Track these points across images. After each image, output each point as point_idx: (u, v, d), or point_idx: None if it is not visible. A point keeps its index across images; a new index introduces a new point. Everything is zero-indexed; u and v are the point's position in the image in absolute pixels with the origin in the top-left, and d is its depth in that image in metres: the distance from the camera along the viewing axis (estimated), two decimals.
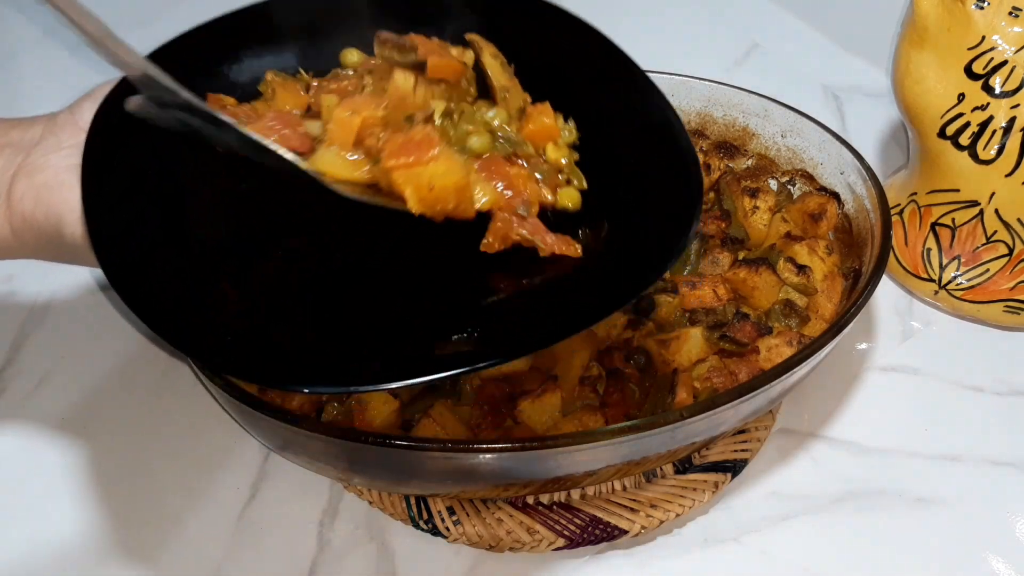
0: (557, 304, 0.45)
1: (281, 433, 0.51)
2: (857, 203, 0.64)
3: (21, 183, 0.45)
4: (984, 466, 0.61)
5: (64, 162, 0.45)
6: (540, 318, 0.44)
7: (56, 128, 0.47)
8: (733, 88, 0.71)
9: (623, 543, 0.57)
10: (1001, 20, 0.62)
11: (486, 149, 0.46)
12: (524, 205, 0.46)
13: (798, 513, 0.59)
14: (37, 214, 0.45)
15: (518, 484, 0.53)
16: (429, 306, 0.46)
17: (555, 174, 0.48)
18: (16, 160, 0.46)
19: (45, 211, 0.45)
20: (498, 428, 0.55)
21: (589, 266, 0.46)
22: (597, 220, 0.47)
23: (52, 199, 0.45)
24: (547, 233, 0.46)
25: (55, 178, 0.45)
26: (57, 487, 0.61)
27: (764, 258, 0.64)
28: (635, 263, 0.45)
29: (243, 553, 0.57)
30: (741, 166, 0.72)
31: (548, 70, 0.50)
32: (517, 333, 0.44)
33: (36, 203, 0.45)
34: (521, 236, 0.45)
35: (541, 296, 0.45)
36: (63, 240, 0.45)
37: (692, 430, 0.51)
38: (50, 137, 0.46)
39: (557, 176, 0.48)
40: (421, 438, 0.52)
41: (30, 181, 0.45)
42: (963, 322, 0.70)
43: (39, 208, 0.45)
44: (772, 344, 0.58)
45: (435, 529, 0.57)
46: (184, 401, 0.65)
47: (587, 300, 0.44)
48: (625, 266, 0.45)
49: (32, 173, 0.45)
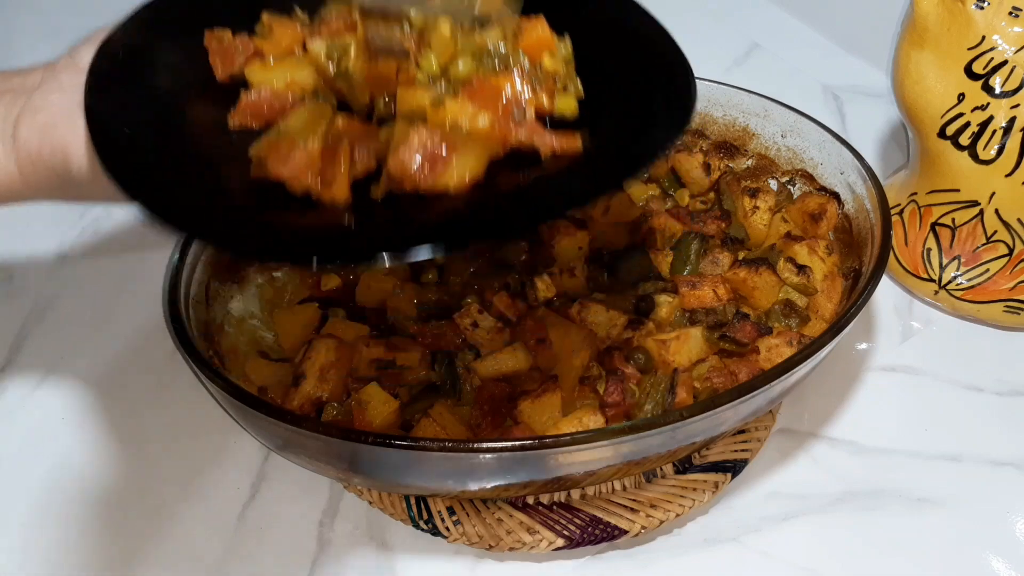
0: (566, 183, 0.46)
1: (281, 433, 0.51)
2: (857, 203, 0.64)
3: (25, 123, 0.46)
4: (984, 466, 0.61)
5: (67, 100, 0.46)
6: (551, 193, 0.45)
7: (56, 72, 0.48)
8: (733, 88, 0.71)
9: (623, 543, 0.57)
10: (1001, 20, 0.62)
11: (470, 72, 0.47)
12: (518, 110, 0.47)
13: (798, 513, 0.59)
14: (43, 152, 0.46)
15: (518, 485, 0.53)
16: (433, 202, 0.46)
17: (551, 82, 0.49)
18: (19, 103, 0.47)
19: (51, 147, 0.46)
20: (498, 428, 0.55)
21: (592, 156, 0.47)
22: (594, 125, 0.48)
23: (57, 135, 0.46)
24: (545, 133, 0.47)
25: (59, 115, 0.46)
26: (57, 487, 0.61)
27: (764, 258, 0.64)
28: (638, 146, 0.46)
29: (243, 553, 0.57)
30: (741, 166, 0.72)
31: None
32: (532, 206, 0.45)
33: (42, 141, 0.46)
34: (519, 139, 0.46)
35: (550, 180, 0.46)
36: (70, 175, 0.46)
37: (692, 430, 0.51)
38: (51, 80, 0.47)
39: (553, 84, 0.49)
40: (420, 438, 0.52)
41: (34, 120, 0.46)
42: (963, 322, 0.70)
43: (45, 145, 0.46)
44: (772, 344, 0.58)
45: (435, 529, 0.57)
46: (184, 401, 0.65)
47: (594, 176, 0.46)
48: (628, 149, 0.47)
49: (36, 112, 0.46)
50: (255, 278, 0.66)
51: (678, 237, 0.66)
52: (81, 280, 0.75)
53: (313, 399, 0.57)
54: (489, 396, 0.56)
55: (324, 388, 0.57)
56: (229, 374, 0.58)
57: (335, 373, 0.58)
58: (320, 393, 0.57)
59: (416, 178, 0.44)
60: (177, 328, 0.55)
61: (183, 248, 0.59)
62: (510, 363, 0.58)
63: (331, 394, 0.57)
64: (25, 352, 0.70)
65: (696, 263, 0.64)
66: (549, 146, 0.47)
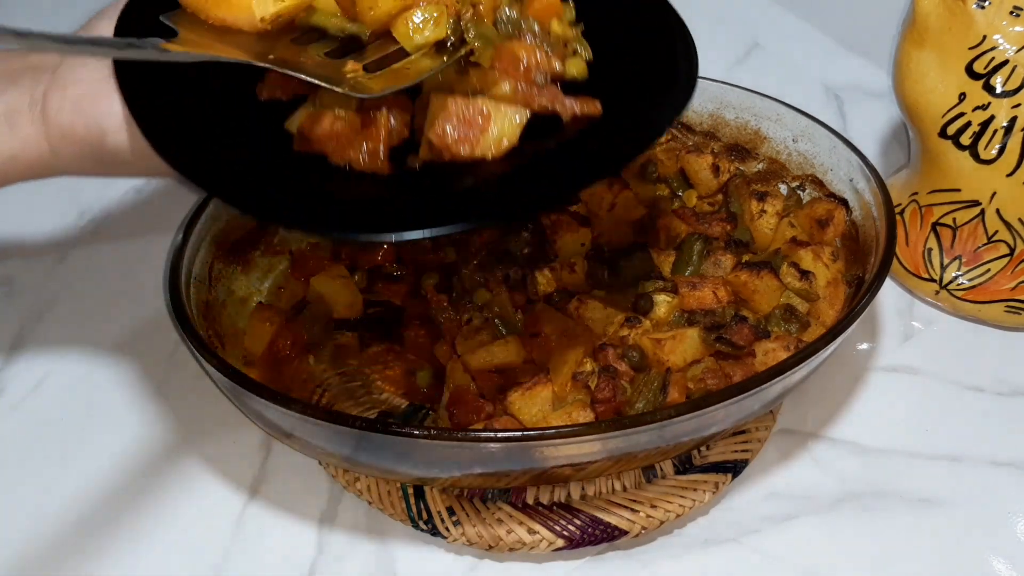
0: (595, 148, 0.47)
1: (283, 419, 0.51)
2: (864, 210, 0.64)
3: (55, 97, 0.45)
4: (984, 466, 0.61)
5: (96, 74, 0.45)
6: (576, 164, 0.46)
7: None
8: (746, 91, 0.71)
9: (623, 543, 0.57)
10: (1002, 19, 0.62)
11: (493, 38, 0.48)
12: (540, 74, 0.47)
13: (799, 513, 0.59)
14: (77, 126, 0.45)
15: (508, 476, 0.54)
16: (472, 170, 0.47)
17: (561, 46, 0.49)
18: (43, 78, 0.46)
19: (86, 122, 0.45)
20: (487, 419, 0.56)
21: (607, 121, 0.48)
22: (602, 88, 0.49)
23: (92, 109, 0.45)
24: (566, 97, 0.47)
25: (91, 88, 0.45)
26: (56, 486, 0.61)
27: (767, 262, 0.63)
28: (651, 110, 0.47)
29: (243, 553, 0.57)
30: (752, 169, 0.72)
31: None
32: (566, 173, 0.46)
33: (75, 116, 0.45)
34: (542, 105, 0.47)
35: (575, 147, 0.47)
36: (105, 149, 0.46)
37: (679, 429, 0.51)
38: (71, 56, 0.47)
39: (563, 48, 0.49)
40: (410, 425, 0.56)
41: (65, 95, 0.45)
42: (964, 322, 0.70)
43: (79, 119, 0.45)
44: (769, 348, 0.58)
45: (435, 529, 0.57)
46: (184, 401, 0.65)
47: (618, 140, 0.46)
48: (643, 114, 0.48)
49: (65, 87, 0.45)
50: (261, 261, 0.67)
51: (682, 238, 0.66)
52: (81, 280, 0.75)
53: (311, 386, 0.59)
54: (481, 387, 0.58)
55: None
56: (228, 355, 0.59)
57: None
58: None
59: (455, 147, 0.45)
60: (177, 308, 0.55)
61: (187, 228, 0.60)
62: (502, 355, 0.59)
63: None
64: (25, 352, 0.70)
65: (698, 264, 0.64)
66: (570, 110, 0.47)
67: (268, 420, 0.53)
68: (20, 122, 0.45)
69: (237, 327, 0.63)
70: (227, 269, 0.64)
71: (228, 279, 0.64)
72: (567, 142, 0.47)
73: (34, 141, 0.46)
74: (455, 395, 0.57)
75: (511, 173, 0.45)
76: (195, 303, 0.59)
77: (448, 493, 0.58)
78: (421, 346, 0.63)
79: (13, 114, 0.45)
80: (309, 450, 0.55)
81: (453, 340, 0.61)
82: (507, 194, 0.45)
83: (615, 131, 0.47)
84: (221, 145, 0.46)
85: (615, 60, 0.51)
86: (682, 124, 0.74)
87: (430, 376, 0.61)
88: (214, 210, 0.62)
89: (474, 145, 0.45)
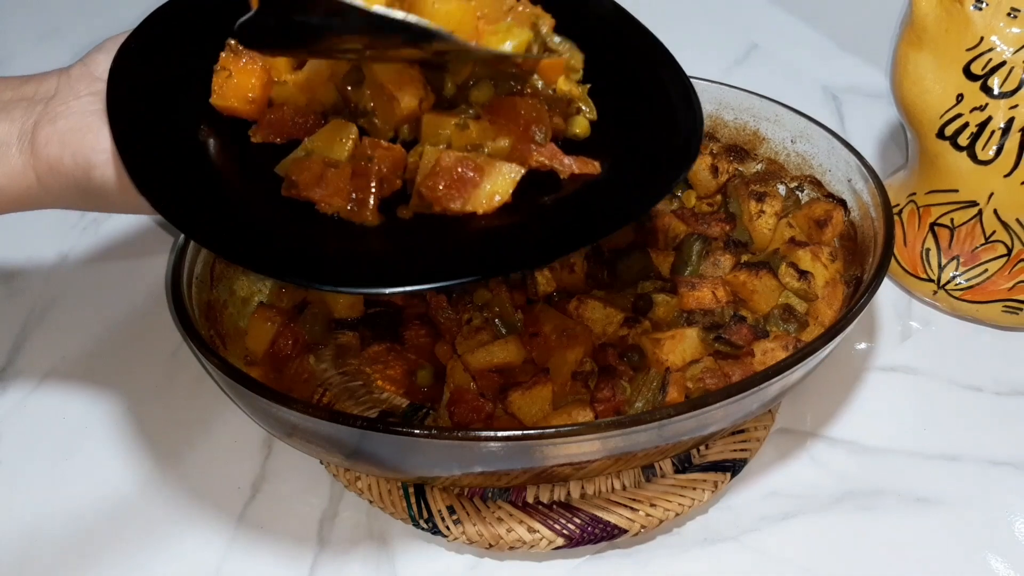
0: (585, 213, 0.46)
1: (285, 418, 0.51)
2: (862, 210, 0.64)
3: (44, 130, 0.46)
4: (984, 466, 0.62)
5: (87, 108, 0.46)
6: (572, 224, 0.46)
7: (71, 80, 0.47)
8: (744, 92, 0.71)
9: (623, 542, 0.57)
10: (1000, 21, 0.63)
11: (488, 96, 0.47)
12: (540, 132, 0.47)
13: (798, 513, 0.59)
14: (65, 159, 0.45)
15: (509, 475, 0.54)
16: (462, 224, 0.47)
17: (565, 104, 0.49)
18: (35, 110, 0.46)
19: (72, 155, 0.45)
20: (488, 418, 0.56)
21: (605, 183, 0.48)
22: (605, 147, 0.49)
23: (79, 143, 0.45)
24: (564, 156, 0.47)
25: (81, 122, 0.45)
26: (57, 486, 0.61)
27: (766, 262, 0.64)
28: (648, 178, 0.47)
29: (243, 553, 0.57)
30: (751, 170, 0.72)
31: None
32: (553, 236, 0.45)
33: (63, 148, 0.45)
34: (540, 162, 0.47)
35: (568, 208, 0.47)
36: (91, 184, 0.46)
37: (678, 429, 0.51)
38: (66, 89, 0.47)
39: (567, 106, 0.49)
40: (411, 424, 0.56)
41: (54, 127, 0.45)
42: (962, 322, 0.70)
43: (66, 153, 0.45)
44: (768, 348, 0.58)
45: (435, 529, 0.57)
46: (184, 401, 0.66)
47: (611, 207, 0.46)
48: (640, 180, 0.47)
49: (55, 120, 0.46)
50: None
51: (681, 238, 0.66)
52: (81, 280, 0.75)
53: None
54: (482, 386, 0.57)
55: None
56: (229, 355, 0.59)
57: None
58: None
59: (446, 201, 0.45)
60: (178, 308, 0.55)
61: None
62: (502, 355, 0.59)
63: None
64: (25, 352, 0.70)
65: (697, 264, 0.65)
66: (568, 169, 0.47)
67: (269, 419, 0.53)
68: (8, 154, 0.46)
69: (239, 327, 0.63)
70: (228, 269, 0.64)
71: (230, 279, 0.64)
72: (562, 200, 0.47)
73: (21, 173, 0.46)
74: (455, 395, 0.57)
75: (501, 229, 0.45)
76: (197, 303, 0.59)
77: (448, 492, 0.58)
78: (421, 346, 0.63)
79: (1, 146, 0.46)
80: (310, 449, 0.55)
81: (453, 340, 0.61)
82: (494, 252, 0.44)
83: (612, 193, 0.47)
84: (207, 188, 0.45)
85: (620, 121, 0.50)
86: None
87: (430, 376, 0.61)
88: None
89: (466, 200, 0.45)
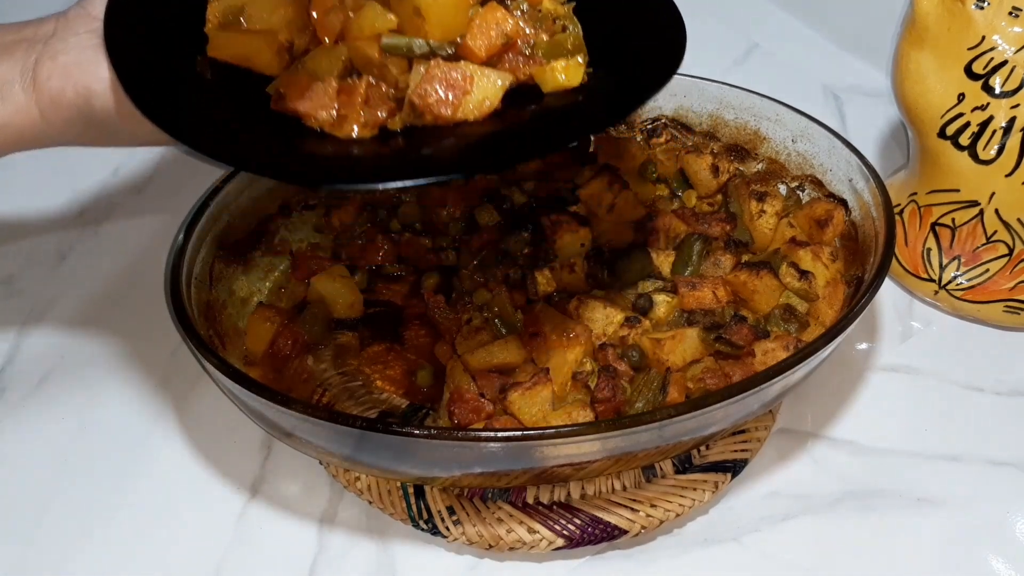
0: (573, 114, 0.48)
1: (284, 418, 0.51)
2: (863, 210, 0.64)
3: (46, 66, 0.47)
4: (984, 466, 0.62)
5: (86, 43, 0.47)
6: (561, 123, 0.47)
7: (69, 21, 0.49)
8: (745, 91, 0.71)
9: (623, 543, 0.57)
10: (1001, 20, 0.62)
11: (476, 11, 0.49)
12: (528, 45, 0.48)
13: (798, 513, 0.59)
14: (66, 91, 0.47)
15: (508, 475, 0.54)
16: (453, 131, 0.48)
17: (550, 22, 0.50)
18: (36, 48, 0.48)
19: (74, 86, 0.47)
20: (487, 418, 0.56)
21: (590, 92, 0.49)
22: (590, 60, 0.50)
23: (80, 75, 0.47)
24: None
25: (80, 56, 0.47)
26: (56, 487, 0.61)
27: (766, 262, 0.63)
28: (634, 84, 0.48)
29: (243, 553, 0.57)
30: (751, 170, 0.72)
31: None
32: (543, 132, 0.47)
33: (64, 80, 0.47)
34: (527, 74, 0.48)
35: (556, 112, 0.48)
36: (93, 113, 0.47)
37: (678, 429, 0.51)
38: (65, 28, 0.49)
39: (552, 23, 0.50)
40: (411, 425, 0.56)
41: (55, 63, 0.47)
42: (963, 322, 0.70)
43: (68, 85, 0.47)
44: (768, 348, 0.58)
45: (435, 529, 0.57)
46: (184, 402, 0.66)
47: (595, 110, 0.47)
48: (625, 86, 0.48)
49: (56, 56, 0.47)
50: (261, 261, 0.67)
51: (682, 238, 0.66)
52: (81, 280, 0.75)
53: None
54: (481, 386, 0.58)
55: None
56: (229, 355, 0.59)
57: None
58: None
59: (437, 108, 0.46)
60: (177, 308, 0.55)
61: (188, 228, 0.60)
62: (502, 355, 0.59)
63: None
64: (25, 352, 0.70)
65: (698, 264, 0.64)
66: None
67: (269, 420, 0.53)
68: (12, 91, 0.47)
69: (238, 327, 0.63)
70: (228, 269, 0.64)
71: (229, 279, 0.64)
72: (549, 107, 0.48)
73: (24, 108, 0.48)
74: (455, 395, 0.57)
75: (491, 134, 0.46)
76: (196, 303, 0.59)
77: (448, 492, 0.58)
78: (421, 346, 0.63)
79: (5, 84, 0.47)
80: (310, 450, 0.55)
81: (453, 340, 0.61)
82: (488, 149, 0.45)
83: (597, 99, 0.48)
84: (202, 105, 0.47)
85: (604, 35, 0.51)
86: (681, 124, 0.74)
87: (430, 376, 0.61)
88: (215, 211, 0.63)
89: (456, 107, 0.46)
